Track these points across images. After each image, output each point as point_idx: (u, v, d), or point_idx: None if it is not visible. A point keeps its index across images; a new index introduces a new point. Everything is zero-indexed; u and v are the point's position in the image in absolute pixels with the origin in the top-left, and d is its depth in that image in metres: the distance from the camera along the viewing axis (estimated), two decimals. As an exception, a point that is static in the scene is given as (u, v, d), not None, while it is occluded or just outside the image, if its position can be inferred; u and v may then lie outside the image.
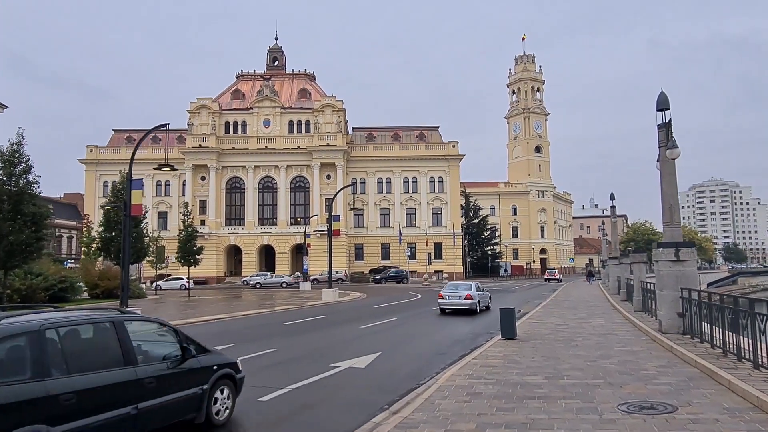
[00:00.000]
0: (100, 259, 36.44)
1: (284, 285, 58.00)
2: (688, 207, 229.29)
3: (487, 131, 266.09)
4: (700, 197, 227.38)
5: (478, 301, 23.23)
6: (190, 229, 39.33)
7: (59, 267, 34.36)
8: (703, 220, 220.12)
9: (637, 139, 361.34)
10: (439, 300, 23.65)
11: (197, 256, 39.39)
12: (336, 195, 44.39)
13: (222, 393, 7.19)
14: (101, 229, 31.99)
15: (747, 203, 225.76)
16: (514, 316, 14.67)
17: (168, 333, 6.94)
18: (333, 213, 37.67)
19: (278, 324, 20.26)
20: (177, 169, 18.58)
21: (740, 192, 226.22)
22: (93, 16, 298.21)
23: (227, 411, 7.26)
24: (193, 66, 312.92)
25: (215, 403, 7.06)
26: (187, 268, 40.69)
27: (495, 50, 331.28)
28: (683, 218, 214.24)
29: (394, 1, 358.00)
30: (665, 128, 13.62)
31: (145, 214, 31.87)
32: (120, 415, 5.69)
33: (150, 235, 50.13)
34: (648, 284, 18.82)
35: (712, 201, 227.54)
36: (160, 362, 6.44)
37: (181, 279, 55.40)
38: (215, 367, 7.13)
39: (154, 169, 19.21)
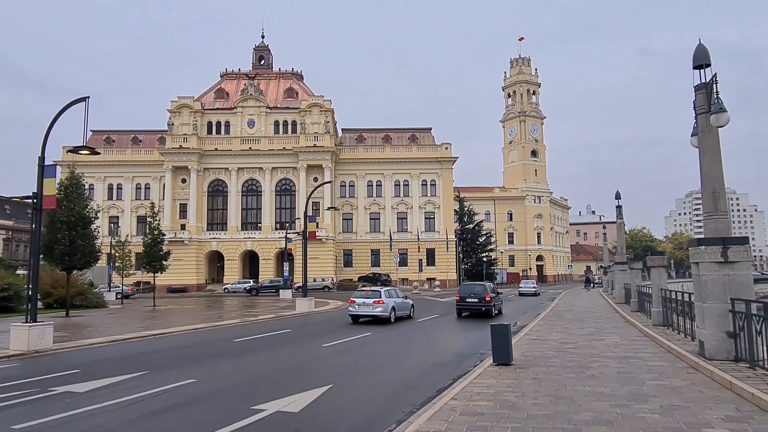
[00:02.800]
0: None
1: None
2: (685, 214, 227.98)
3: (481, 138, 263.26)
4: (697, 204, 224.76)
5: (538, 289, 44.99)
6: (156, 232, 35.84)
7: (4, 273, 30.81)
8: (701, 227, 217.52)
9: (630, 148, 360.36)
10: (519, 289, 45.39)
11: (163, 262, 35.88)
12: (312, 193, 40.53)
13: None
14: (44, 230, 28.51)
15: (744, 210, 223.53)
16: (509, 335, 11.37)
17: None
18: (318, 215, 34.42)
19: (227, 341, 16.88)
20: (99, 153, 15.31)
21: (737, 199, 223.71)
22: (79, 21, 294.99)
23: None
24: (181, 70, 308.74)
25: None
26: (152, 274, 37.12)
27: (487, 58, 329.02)
28: (680, 225, 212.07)
29: (386, 8, 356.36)
30: (705, 89, 10.44)
31: (97, 214, 28.37)
32: None
33: (118, 238, 46.89)
34: (671, 293, 15.61)
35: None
36: None
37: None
38: None
39: (68, 151, 15.97)
